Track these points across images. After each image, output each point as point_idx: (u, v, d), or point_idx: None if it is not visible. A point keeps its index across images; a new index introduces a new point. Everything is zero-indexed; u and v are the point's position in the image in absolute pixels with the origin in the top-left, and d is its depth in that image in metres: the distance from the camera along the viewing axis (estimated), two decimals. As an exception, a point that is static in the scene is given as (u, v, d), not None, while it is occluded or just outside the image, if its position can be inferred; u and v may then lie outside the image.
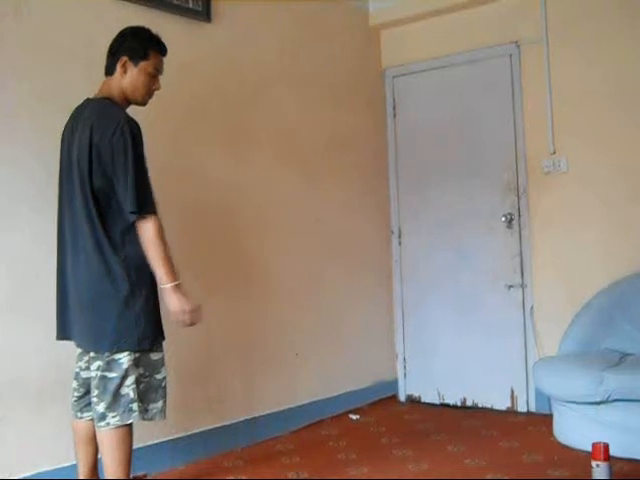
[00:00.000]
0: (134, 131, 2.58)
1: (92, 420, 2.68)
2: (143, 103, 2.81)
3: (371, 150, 5.09)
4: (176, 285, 2.62)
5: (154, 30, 2.80)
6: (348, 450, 3.84)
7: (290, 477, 3.42)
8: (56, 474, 3.05)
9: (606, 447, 2.87)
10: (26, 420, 3.03)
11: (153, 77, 2.77)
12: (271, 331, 4.19)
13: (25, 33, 3.10)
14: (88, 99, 2.73)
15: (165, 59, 2.82)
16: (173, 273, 2.62)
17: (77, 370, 2.81)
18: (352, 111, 4.91)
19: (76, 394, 2.81)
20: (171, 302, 2.62)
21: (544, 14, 4.48)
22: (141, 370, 2.64)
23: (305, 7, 4.54)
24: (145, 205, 2.56)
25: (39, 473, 3.03)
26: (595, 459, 2.89)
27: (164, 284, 2.62)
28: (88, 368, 2.69)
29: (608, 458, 2.87)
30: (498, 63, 4.71)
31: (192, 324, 2.69)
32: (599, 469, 2.87)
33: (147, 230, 2.58)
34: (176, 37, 2.94)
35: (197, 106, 3.80)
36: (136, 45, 2.72)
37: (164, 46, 2.81)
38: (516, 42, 4.62)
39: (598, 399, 3.48)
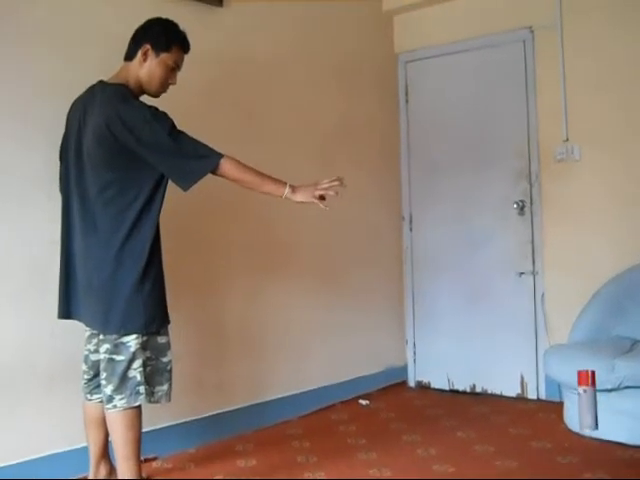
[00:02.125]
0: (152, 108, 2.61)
1: (102, 402, 2.71)
2: (156, 95, 2.81)
3: (383, 136, 5.07)
4: (289, 186, 2.71)
5: (173, 20, 2.80)
6: (357, 435, 3.86)
7: (300, 461, 3.44)
8: (68, 456, 3.08)
9: (593, 373, 2.84)
10: (38, 403, 3.06)
11: (171, 71, 2.78)
12: (282, 316, 4.19)
13: (40, 18, 3.11)
14: (102, 82, 2.73)
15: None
16: (277, 181, 2.71)
17: (86, 353, 2.83)
18: (364, 96, 4.89)
19: (86, 376, 2.84)
20: (302, 198, 2.73)
21: (559, -1, 4.44)
22: (148, 353, 2.66)
23: (317, -8, 4.52)
24: (207, 160, 2.61)
25: (51, 455, 3.06)
26: (581, 385, 2.86)
27: (282, 195, 2.71)
28: (97, 351, 2.71)
29: (594, 384, 2.84)
30: (511, 49, 4.67)
31: (336, 193, 2.78)
32: (585, 394, 2.84)
33: (228, 173, 2.64)
34: (188, 21, 2.92)
35: (208, 90, 3.80)
36: (161, 36, 2.73)
37: (188, 43, 2.82)
38: (530, 27, 4.57)
39: (609, 386, 3.47)
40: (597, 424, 2.78)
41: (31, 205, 3.06)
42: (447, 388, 4.90)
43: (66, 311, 2.78)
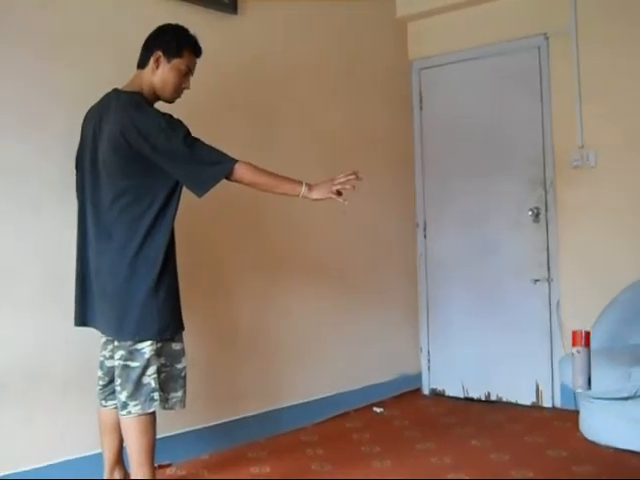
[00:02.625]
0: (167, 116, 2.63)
1: (116, 408, 2.71)
2: (170, 100, 2.83)
3: (397, 142, 5.06)
4: (305, 185, 2.74)
5: (189, 28, 2.80)
6: (372, 443, 3.84)
7: (314, 469, 3.43)
8: (82, 462, 3.08)
9: (587, 334, 2.83)
10: (53, 409, 3.06)
11: (184, 76, 2.79)
12: (296, 323, 4.19)
13: (53, 23, 3.13)
14: (117, 90, 2.74)
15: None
16: (293, 181, 2.74)
17: (102, 359, 2.84)
18: (378, 103, 4.88)
19: (101, 382, 2.84)
20: (319, 195, 2.76)
21: (574, 5, 4.42)
22: (162, 360, 2.66)
23: (331, -1, 4.53)
24: (222, 166, 2.62)
25: (65, 461, 3.07)
26: (575, 345, 2.86)
27: (299, 194, 2.73)
28: (112, 357, 2.72)
29: (588, 344, 2.83)
30: (526, 55, 4.66)
31: (353, 187, 2.80)
32: (580, 355, 2.83)
33: (243, 177, 2.65)
34: (203, 29, 2.94)
35: (223, 98, 3.81)
36: (172, 42, 2.74)
37: (199, 47, 2.82)
38: (545, 34, 4.56)
39: (625, 395, 3.45)
40: (590, 385, 2.77)
41: (46, 212, 3.08)
42: (462, 396, 4.87)
43: (82, 318, 2.79)
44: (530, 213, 4.59)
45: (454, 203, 4.95)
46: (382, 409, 4.55)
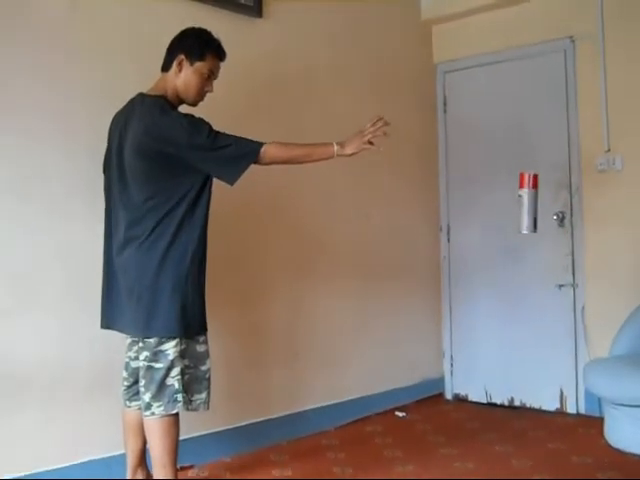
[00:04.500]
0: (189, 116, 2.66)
1: (140, 409, 2.72)
2: (194, 104, 2.84)
3: (421, 145, 5.05)
4: (337, 144, 2.77)
5: (214, 32, 2.82)
6: (394, 447, 3.83)
7: (335, 472, 3.42)
8: (105, 462, 3.11)
9: (534, 176, 2.81)
10: (77, 410, 3.09)
11: (207, 79, 2.80)
12: (319, 326, 4.19)
13: (79, 27, 3.16)
14: (142, 94, 2.77)
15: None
16: (324, 144, 2.78)
17: (127, 360, 2.86)
18: (402, 106, 4.87)
19: (126, 383, 2.86)
20: (352, 149, 2.79)
21: (600, 8, 4.37)
22: (186, 361, 2.68)
23: (356, 2, 4.52)
24: (249, 151, 2.66)
25: (89, 461, 3.09)
26: (522, 187, 2.85)
27: (333, 154, 2.78)
28: (137, 358, 2.73)
29: (536, 186, 2.82)
30: (552, 58, 4.63)
31: (384, 133, 2.81)
32: (526, 196, 2.82)
33: (275, 156, 2.71)
34: (228, 32, 2.95)
35: (247, 101, 3.82)
36: (195, 45, 2.76)
37: (223, 50, 2.83)
38: (571, 37, 4.53)
39: (651, 402, 3.40)
40: (536, 227, 2.84)
41: (70, 215, 3.10)
42: (484, 401, 4.84)
43: (107, 321, 2.81)
44: (555, 217, 4.55)
45: (478, 206, 4.93)
46: (404, 413, 4.54)
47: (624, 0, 4.33)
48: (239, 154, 2.65)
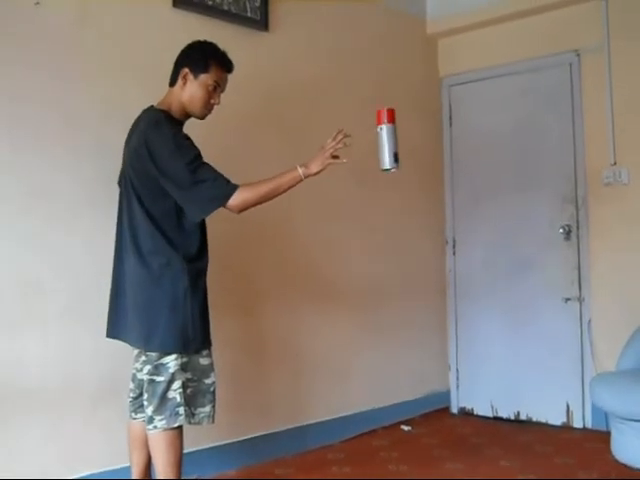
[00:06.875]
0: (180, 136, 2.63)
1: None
2: (201, 117, 2.82)
3: (426, 159, 5.05)
4: (301, 166, 2.73)
5: (221, 45, 2.80)
6: (399, 461, 3.81)
7: (340, 486, 3.41)
8: (110, 475, 3.10)
9: (390, 110, 2.80)
10: (81, 422, 3.09)
11: (212, 91, 2.76)
12: (324, 339, 4.18)
13: (88, 41, 3.18)
14: (150, 108, 2.78)
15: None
16: (288, 171, 2.72)
17: (134, 371, 2.85)
18: (408, 120, 4.83)
19: (132, 395, 2.85)
20: (317, 167, 2.76)
21: (605, 22, 4.39)
22: (189, 375, 2.66)
23: (362, 16, 4.54)
24: (218, 196, 2.59)
25: (93, 474, 3.09)
26: (380, 124, 2.84)
27: (300, 178, 2.73)
28: (142, 370, 2.73)
29: (393, 120, 2.80)
30: (557, 72, 4.64)
31: (344, 145, 2.83)
32: (384, 131, 2.82)
33: (245, 202, 2.64)
34: (235, 46, 2.96)
35: (253, 114, 3.83)
36: (199, 57, 2.74)
37: (229, 62, 2.80)
38: (576, 50, 4.54)
39: (658, 417, 3.38)
40: (397, 161, 2.86)
41: (73, 228, 3.11)
42: (490, 415, 4.82)
43: (113, 331, 2.80)
44: (561, 231, 4.54)
45: (483, 220, 4.93)
46: (410, 427, 4.52)
47: (629, 14, 4.34)
48: (207, 198, 2.59)
